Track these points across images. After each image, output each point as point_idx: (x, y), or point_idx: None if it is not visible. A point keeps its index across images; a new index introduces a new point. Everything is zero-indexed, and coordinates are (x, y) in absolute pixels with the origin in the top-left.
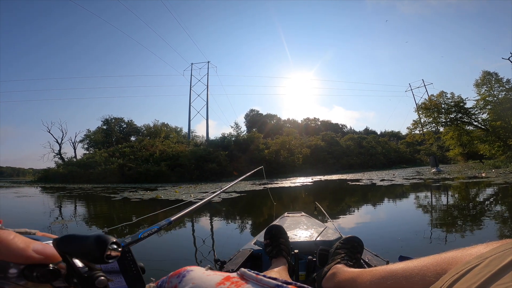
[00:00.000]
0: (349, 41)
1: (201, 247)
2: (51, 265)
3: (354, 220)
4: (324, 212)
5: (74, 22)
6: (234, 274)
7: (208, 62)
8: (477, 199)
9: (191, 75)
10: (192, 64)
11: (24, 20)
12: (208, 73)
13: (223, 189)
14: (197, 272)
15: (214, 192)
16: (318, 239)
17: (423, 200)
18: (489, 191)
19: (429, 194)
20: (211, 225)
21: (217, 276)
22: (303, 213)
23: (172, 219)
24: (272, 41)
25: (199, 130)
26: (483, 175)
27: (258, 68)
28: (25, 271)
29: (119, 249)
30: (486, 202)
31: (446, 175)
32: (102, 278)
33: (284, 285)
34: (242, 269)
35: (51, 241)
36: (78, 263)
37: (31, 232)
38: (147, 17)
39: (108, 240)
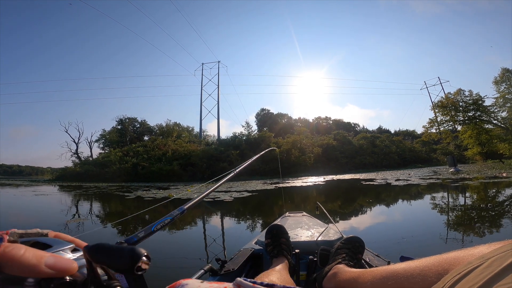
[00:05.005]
0: (362, 39)
1: (203, 246)
2: (67, 277)
3: (357, 221)
4: (326, 212)
5: (84, 22)
6: (230, 285)
7: (219, 62)
8: (498, 199)
9: (202, 75)
10: (203, 64)
11: (35, 20)
12: (218, 72)
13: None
14: (192, 286)
15: (229, 173)
16: (319, 239)
17: (439, 201)
18: (511, 191)
19: (446, 194)
20: (216, 225)
21: None
22: (304, 213)
23: (185, 207)
24: (283, 39)
25: (211, 130)
26: (504, 174)
27: (269, 67)
28: (42, 282)
29: (149, 262)
30: (506, 203)
31: (465, 175)
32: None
33: None
34: (238, 279)
35: (67, 247)
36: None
37: (43, 233)
38: (157, 17)
39: (141, 253)
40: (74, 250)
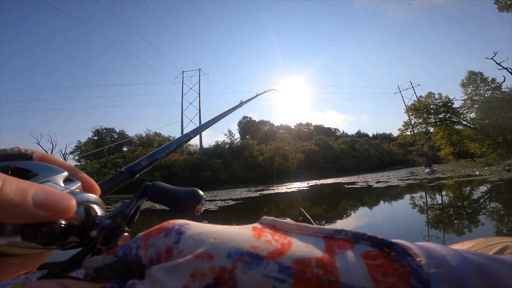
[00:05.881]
0: (338, 45)
1: None
2: (62, 222)
3: (341, 224)
4: (309, 217)
5: (58, 29)
6: (258, 225)
7: (200, 69)
8: (473, 197)
9: (183, 83)
10: (183, 72)
11: (4, 27)
12: (199, 80)
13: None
14: (202, 225)
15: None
16: None
17: (418, 200)
18: (485, 188)
19: (424, 194)
20: None
21: (238, 228)
22: (288, 219)
23: (191, 135)
24: (264, 46)
25: (193, 139)
26: (477, 173)
27: (250, 74)
28: (26, 229)
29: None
30: (481, 200)
31: (440, 175)
32: (126, 234)
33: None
34: (266, 217)
35: (60, 175)
36: (98, 211)
37: (26, 153)
38: (135, 24)
39: (202, 195)
40: (67, 181)
